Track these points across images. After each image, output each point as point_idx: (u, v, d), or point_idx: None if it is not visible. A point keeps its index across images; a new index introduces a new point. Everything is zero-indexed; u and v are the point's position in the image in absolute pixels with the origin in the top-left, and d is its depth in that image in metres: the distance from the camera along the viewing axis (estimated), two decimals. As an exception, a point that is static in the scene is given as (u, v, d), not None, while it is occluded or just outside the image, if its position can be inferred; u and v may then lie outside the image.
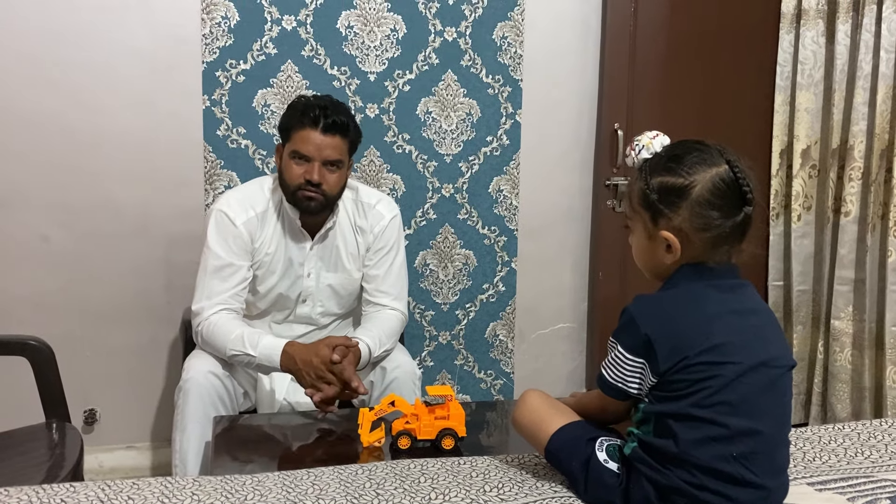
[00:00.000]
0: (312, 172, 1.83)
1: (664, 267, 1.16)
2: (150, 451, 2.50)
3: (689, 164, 1.11)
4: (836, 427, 1.44)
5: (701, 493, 1.07)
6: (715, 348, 1.08)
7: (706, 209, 1.10)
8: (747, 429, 1.07)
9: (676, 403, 1.08)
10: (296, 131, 1.85)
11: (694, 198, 1.10)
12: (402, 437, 1.52)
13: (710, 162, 1.11)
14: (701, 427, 1.07)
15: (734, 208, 1.10)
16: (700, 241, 1.11)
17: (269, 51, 2.41)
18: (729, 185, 1.10)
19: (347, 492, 1.15)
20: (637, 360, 1.11)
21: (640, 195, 1.15)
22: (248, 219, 1.89)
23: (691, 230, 1.11)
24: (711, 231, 1.10)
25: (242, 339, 1.79)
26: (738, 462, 1.06)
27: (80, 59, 2.28)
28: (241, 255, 1.88)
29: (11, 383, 2.04)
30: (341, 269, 1.99)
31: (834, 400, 2.65)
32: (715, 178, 1.10)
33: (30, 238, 2.33)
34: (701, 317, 1.10)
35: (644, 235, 1.16)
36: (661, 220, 1.13)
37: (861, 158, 2.56)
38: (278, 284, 1.95)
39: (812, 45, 2.61)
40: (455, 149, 2.62)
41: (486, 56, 2.59)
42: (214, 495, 1.12)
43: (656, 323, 1.10)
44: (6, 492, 1.09)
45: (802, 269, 2.71)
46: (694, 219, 1.10)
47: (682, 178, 1.11)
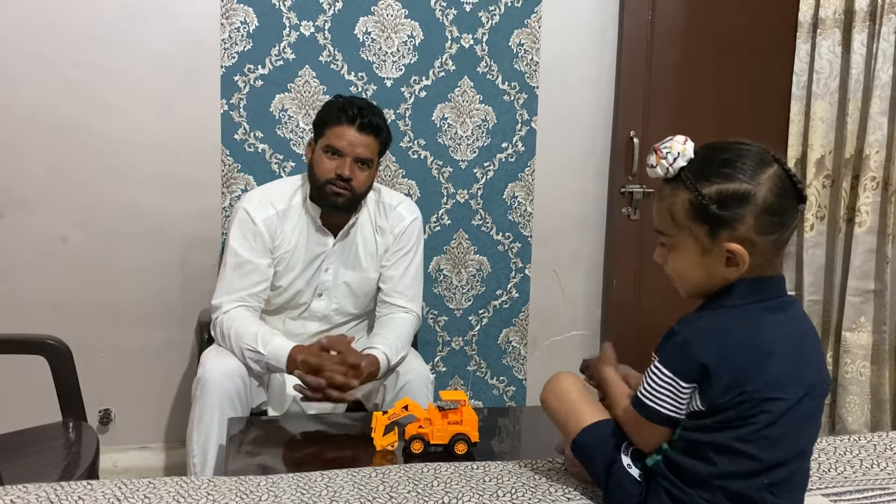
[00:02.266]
0: (344, 167, 1.88)
1: (720, 283, 1.07)
2: (163, 452, 2.52)
3: (748, 168, 1.04)
4: (852, 438, 1.43)
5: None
6: (769, 383, 1.02)
7: (772, 213, 1.03)
8: (781, 460, 1.04)
9: (719, 434, 1.03)
10: (331, 127, 1.90)
11: (761, 203, 1.02)
12: (415, 442, 1.52)
13: (765, 161, 1.05)
14: (739, 460, 1.03)
15: (793, 208, 1.05)
16: (766, 247, 1.04)
17: (288, 56, 2.43)
18: (785, 183, 1.04)
19: (361, 494, 1.15)
20: (689, 385, 1.04)
21: (692, 207, 1.05)
22: (268, 216, 1.93)
23: (758, 237, 1.03)
24: (777, 234, 1.04)
25: (257, 337, 1.82)
26: (766, 489, 1.04)
27: (100, 63, 2.31)
28: (260, 253, 1.91)
29: (29, 382, 2.07)
30: (359, 267, 2.02)
31: (844, 412, 2.62)
32: (774, 178, 1.03)
33: (49, 239, 2.35)
34: (760, 347, 1.03)
35: (696, 252, 1.06)
36: (722, 232, 1.03)
37: (878, 168, 2.54)
38: (297, 280, 1.98)
39: (828, 54, 2.60)
40: (470, 155, 2.63)
41: (503, 63, 2.60)
42: (229, 495, 1.12)
43: (715, 352, 1.02)
44: (25, 488, 1.10)
45: (814, 280, 2.69)
46: (760, 225, 1.02)
47: (744, 183, 1.03)
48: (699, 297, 1.11)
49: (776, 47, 2.68)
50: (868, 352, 2.59)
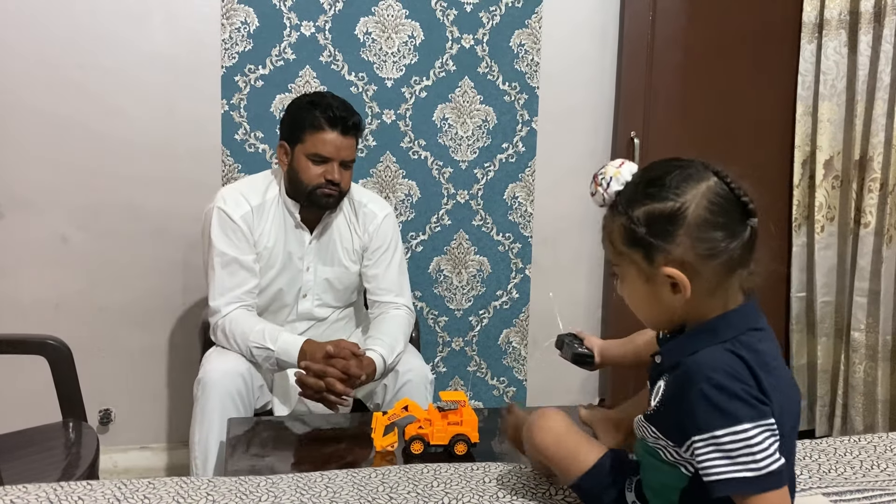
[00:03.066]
0: (333, 172, 1.88)
1: (674, 312, 0.98)
2: (164, 453, 2.52)
3: (674, 184, 0.95)
4: (852, 439, 1.43)
5: None
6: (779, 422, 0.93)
7: (708, 231, 0.93)
8: None
9: None
10: (312, 133, 1.88)
11: (691, 221, 0.93)
12: (415, 442, 1.52)
13: (696, 177, 0.95)
14: None
15: (738, 223, 0.95)
16: (710, 270, 0.94)
17: (288, 56, 2.43)
18: (725, 197, 0.95)
19: (361, 495, 1.15)
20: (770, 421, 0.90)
21: (625, 232, 0.97)
22: (245, 212, 1.93)
23: (697, 260, 0.94)
24: (720, 256, 0.94)
25: (264, 334, 1.83)
26: None
27: (101, 63, 2.32)
28: (245, 249, 1.92)
29: (29, 382, 2.07)
30: (338, 263, 2.03)
31: (853, 412, 2.62)
32: (708, 193, 0.94)
33: (49, 239, 2.36)
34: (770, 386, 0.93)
35: (641, 280, 0.98)
36: (657, 256, 0.95)
37: (879, 170, 2.54)
38: (278, 279, 1.98)
39: (834, 55, 2.59)
40: (470, 155, 2.63)
41: (503, 63, 2.60)
42: (229, 496, 1.12)
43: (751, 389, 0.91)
44: (24, 488, 1.10)
45: (826, 281, 2.69)
46: (697, 245, 0.93)
47: (671, 200, 0.94)
48: (668, 328, 1.03)
49: (778, 48, 2.67)
50: (874, 352, 2.59)
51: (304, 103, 1.93)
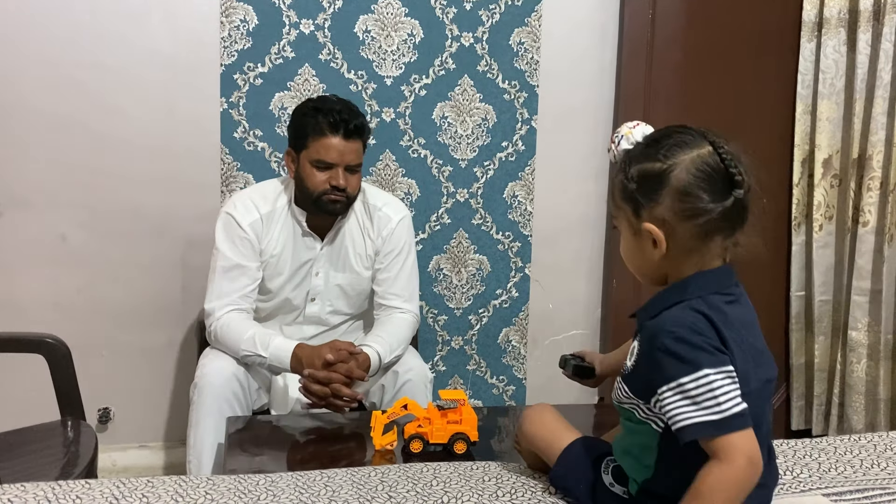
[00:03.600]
0: (338, 178, 1.85)
1: (655, 266, 1.05)
2: (163, 451, 2.51)
3: (667, 147, 1.01)
4: (852, 438, 1.43)
5: None
6: (744, 373, 0.99)
7: (690, 195, 0.99)
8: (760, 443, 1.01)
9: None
10: (315, 139, 1.85)
11: (674, 183, 0.99)
12: (415, 441, 1.52)
13: (690, 144, 1.01)
14: None
15: (721, 193, 0.99)
16: (686, 231, 1.00)
17: (287, 54, 2.42)
18: (713, 166, 1.00)
19: (360, 493, 1.15)
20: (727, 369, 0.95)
21: (621, 187, 1.05)
22: (253, 220, 1.91)
23: (675, 220, 1.00)
24: (698, 219, 0.99)
25: (254, 340, 1.81)
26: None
27: (100, 62, 2.31)
28: (249, 256, 1.90)
29: (28, 380, 2.06)
30: (350, 269, 2.00)
31: (850, 412, 2.62)
32: (696, 159, 1.00)
33: (48, 237, 2.35)
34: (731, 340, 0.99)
35: (630, 232, 1.06)
36: (643, 212, 1.02)
37: (879, 168, 2.54)
38: (286, 285, 1.96)
39: (834, 53, 2.59)
40: (470, 154, 2.62)
41: (503, 62, 2.59)
42: (228, 494, 1.12)
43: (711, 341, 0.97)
44: (23, 487, 1.10)
45: (824, 280, 2.68)
46: (677, 206, 0.99)
47: (659, 161, 1.00)
48: (653, 284, 1.09)
49: (779, 46, 2.67)
50: (874, 351, 2.59)
51: (307, 109, 1.90)
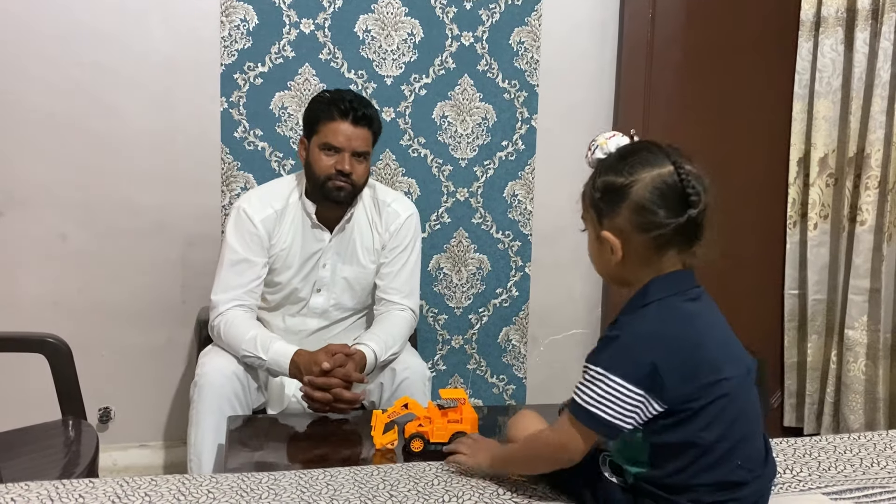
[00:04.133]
0: (343, 162, 1.88)
1: (613, 270, 1.13)
2: (163, 450, 2.52)
3: (631, 164, 1.09)
4: (852, 437, 1.43)
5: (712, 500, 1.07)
6: (713, 368, 1.06)
7: (646, 210, 1.07)
8: (747, 432, 1.09)
9: (683, 430, 1.05)
10: (325, 123, 1.89)
11: (633, 198, 1.07)
12: (415, 440, 1.52)
13: (653, 162, 1.08)
14: (709, 452, 1.05)
15: (676, 210, 1.06)
16: (641, 243, 1.08)
17: (287, 54, 2.43)
18: (671, 185, 1.07)
19: (361, 493, 1.15)
20: (639, 392, 1.03)
21: (588, 194, 1.14)
22: (266, 216, 1.93)
23: (631, 231, 1.09)
24: (652, 233, 1.07)
25: (255, 342, 1.82)
26: (741, 468, 1.07)
27: (101, 61, 2.31)
28: (257, 252, 1.92)
29: (29, 380, 2.06)
30: (356, 262, 2.01)
31: (847, 410, 2.63)
32: (656, 178, 1.07)
33: (49, 237, 2.35)
34: (694, 336, 1.07)
35: (593, 236, 1.15)
36: (604, 220, 1.11)
37: (878, 167, 2.54)
38: (294, 278, 1.98)
39: (831, 52, 2.60)
40: (470, 153, 2.63)
41: (503, 61, 2.60)
42: (230, 493, 1.12)
43: (661, 348, 1.04)
44: (26, 486, 1.10)
45: (818, 279, 2.70)
46: (634, 219, 1.08)
47: (622, 177, 1.09)
48: (614, 284, 1.18)
49: (777, 45, 2.67)
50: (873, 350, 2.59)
51: (320, 98, 1.95)
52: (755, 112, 2.72)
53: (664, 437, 1.06)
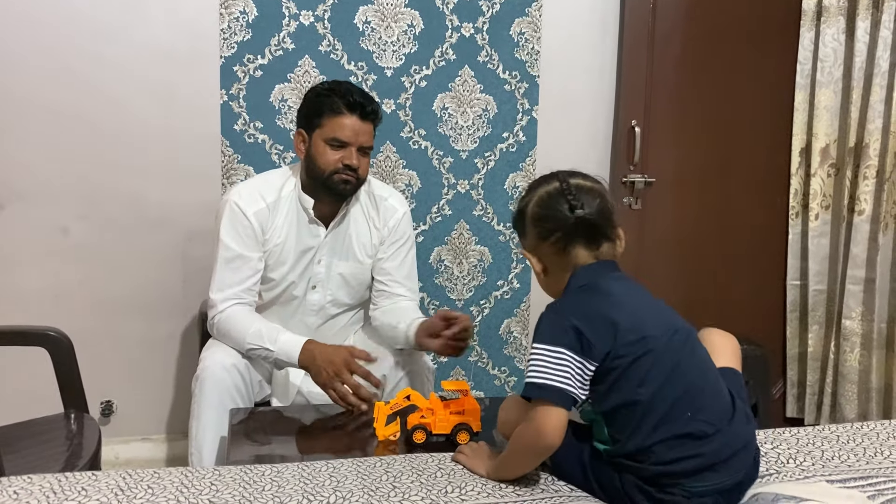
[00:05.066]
0: (351, 157, 1.85)
1: (550, 286, 1.27)
2: (165, 444, 2.52)
3: (528, 189, 1.28)
4: (855, 426, 1.43)
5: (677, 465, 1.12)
6: (634, 328, 1.15)
7: (541, 219, 1.23)
8: (690, 386, 1.15)
9: (619, 392, 1.14)
10: (331, 117, 1.85)
11: (530, 214, 1.25)
12: (418, 432, 1.52)
13: (542, 183, 1.26)
14: (652, 408, 1.13)
15: (564, 214, 1.21)
16: (548, 249, 1.23)
17: (287, 46, 2.42)
18: (554, 196, 1.22)
19: (364, 484, 1.15)
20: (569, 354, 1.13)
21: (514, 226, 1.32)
22: (259, 209, 1.90)
23: (538, 242, 1.25)
24: (551, 237, 1.23)
25: (261, 334, 1.80)
26: (696, 420, 1.13)
27: (101, 53, 2.30)
28: (252, 247, 1.89)
29: (31, 374, 2.06)
30: (352, 257, 2.00)
31: (843, 401, 2.63)
32: (543, 193, 1.24)
33: (50, 230, 2.35)
34: (613, 300, 1.19)
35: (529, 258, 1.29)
36: (522, 242, 1.29)
37: (876, 157, 2.54)
38: (289, 273, 1.95)
39: (832, 42, 2.59)
40: (471, 145, 2.62)
41: (503, 52, 2.59)
42: (233, 485, 1.12)
43: (580, 314, 1.16)
44: (29, 479, 1.10)
45: (819, 269, 2.70)
46: (535, 231, 1.24)
47: (521, 202, 1.28)
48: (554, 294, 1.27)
49: (779, 36, 2.66)
50: (868, 340, 2.60)
51: (322, 90, 1.91)
52: (757, 102, 2.71)
53: (608, 401, 1.15)
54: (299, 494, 1.10)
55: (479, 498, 1.14)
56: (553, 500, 1.14)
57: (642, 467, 1.13)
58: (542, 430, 1.13)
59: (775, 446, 1.33)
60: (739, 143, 2.74)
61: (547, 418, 1.12)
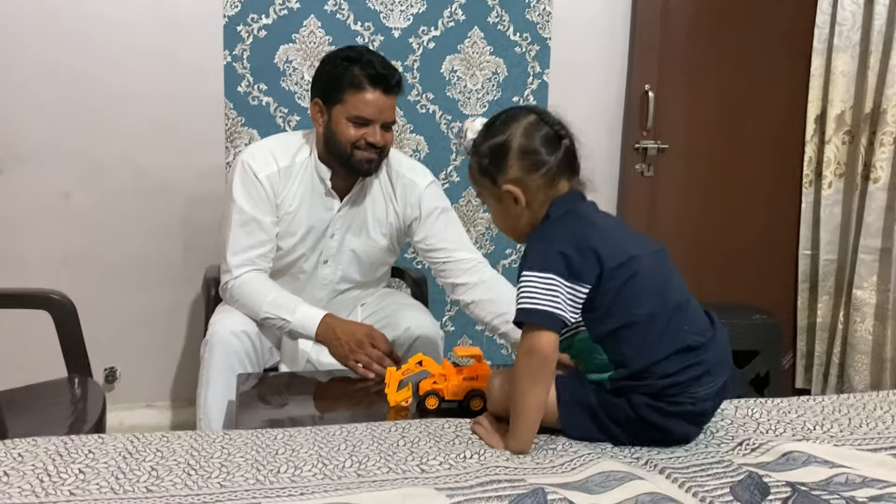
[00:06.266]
0: (375, 135, 1.76)
1: (523, 220, 1.26)
2: (169, 410, 2.50)
3: (501, 123, 1.26)
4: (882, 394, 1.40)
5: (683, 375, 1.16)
6: (619, 249, 1.19)
7: (530, 152, 1.22)
8: (678, 303, 1.20)
9: (616, 315, 1.17)
10: (353, 93, 1.75)
11: (516, 147, 1.22)
12: (430, 398, 1.48)
13: (518, 117, 1.25)
14: (652, 325, 1.17)
15: (553, 145, 1.23)
16: (536, 182, 1.22)
17: (292, 5, 2.34)
18: (539, 127, 1.23)
19: (381, 449, 1.12)
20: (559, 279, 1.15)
21: (477, 167, 1.28)
22: (271, 173, 1.83)
23: (525, 175, 1.23)
24: (541, 169, 1.22)
25: (279, 304, 1.76)
26: (691, 333, 1.18)
27: (102, 14, 2.24)
28: (265, 210, 1.83)
29: (33, 337, 2.02)
30: (366, 233, 1.93)
31: (851, 371, 2.61)
32: (527, 125, 1.23)
33: (51, 195, 2.30)
34: (595, 226, 1.22)
35: (494, 200, 1.28)
36: (499, 179, 1.24)
37: (894, 123, 2.49)
38: (299, 245, 1.90)
39: (851, 5, 2.52)
40: (480, 109, 2.56)
41: (514, 13, 2.51)
42: (245, 449, 1.09)
43: (566, 240, 1.18)
44: (34, 441, 1.07)
45: (830, 238, 2.66)
46: (524, 164, 1.22)
47: (501, 135, 1.24)
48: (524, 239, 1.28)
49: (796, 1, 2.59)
50: (882, 310, 2.56)
51: (340, 59, 1.79)
52: (772, 69, 2.65)
53: (606, 325, 1.17)
54: (314, 458, 1.07)
55: (499, 462, 1.10)
56: (575, 462, 1.10)
57: (650, 383, 1.16)
58: (535, 348, 1.15)
59: (800, 414, 1.30)
60: (753, 110, 2.69)
61: (538, 337, 1.15)
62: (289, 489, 0.97)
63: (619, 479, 1.04)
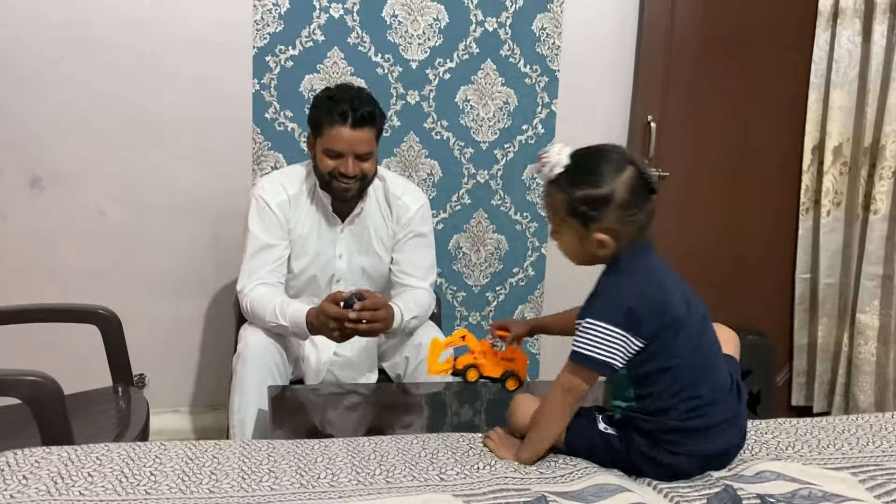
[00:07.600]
0: (347, 166, 1.92)
1: (598, 258, 1.36)
2: (192, 416, 2.65)
3: (605, 175, 1.30)
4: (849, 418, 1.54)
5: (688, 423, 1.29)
6: (675, 308, 1.30)
7: (628, 208, 1.29)
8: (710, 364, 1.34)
9: (657, 360, 1.29)
10: (327, 128, 1.93)
11: (617, 201, 1.29)
12: (471, 370, 1.61)
13: (620, 168, 1.30)
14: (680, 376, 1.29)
15: (646, 200, 1.31)
16: (628, 231, 1.31)
17: (317, 37, 2.50)
18: (638, 182, 1.30)
19: (405, 459, 1.27)
20: (621, 332, 1.27)
21: (568, 206, 1.32)
22: (281, 201, 2.01)
23: (620, 226, 1.31)
24: (636, 223, 1.31)
25: (275, 311, 1.91)
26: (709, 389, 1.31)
27: (140, 44, 2.39)
28: (278, 235, 2.00)
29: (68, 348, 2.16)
30: (372, 252, 2.10)
31: (857, 390, 2.72)
32: (629, 180, 1.29)
33: (88, 212, 2.45)
34: (659, 285, 1.31)
35: (575, 238, 1.35)
36: (592, 225, 1.31)
37: (892, 158, 2.60)
38: (311, 266, 2.06)
39: (848, 43, 2.63)
40: (491, 136, 2.71)
41: (525, 46, 2.66)
42: (288, 457, 1.24)
43: (636, 294, 1.28)
44: (107, 447, 1.22)
45: (830, 263, 2.77)
46: (622, 216, 1.30)
47: (603, 188, 1.29)
48: (588, 265, 1.39)
49: (795, 36, 2.71)
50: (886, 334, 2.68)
51: (324, 97, 1.98)
52: (771, 101, 2.76)
53: (645, 367, 1.29)
54: (348, 467, 1.23)
55: (507, 472, 1.26)
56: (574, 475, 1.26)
57: (658, 422, 1.29)
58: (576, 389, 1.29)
59: (775, 436, 1.45)
60: (753, 140, 2.81)
61: (583, 382, 1.29)
62: (329, 493, 1.13)
63: (611, 491, 1.19)
